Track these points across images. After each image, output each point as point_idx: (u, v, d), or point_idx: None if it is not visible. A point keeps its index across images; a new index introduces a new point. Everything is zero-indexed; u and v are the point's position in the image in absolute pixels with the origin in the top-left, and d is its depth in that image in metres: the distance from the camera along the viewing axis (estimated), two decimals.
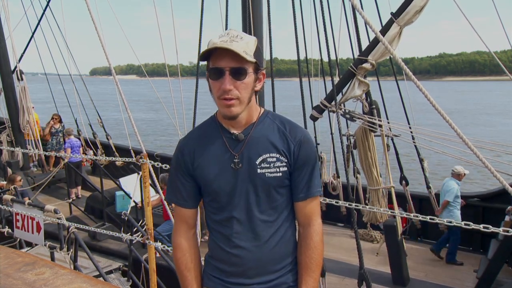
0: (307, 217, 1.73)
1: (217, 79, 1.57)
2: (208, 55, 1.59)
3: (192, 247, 1.80)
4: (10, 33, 9.48)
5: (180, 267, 1.79)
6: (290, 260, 1.75)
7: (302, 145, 1.68)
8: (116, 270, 5.47)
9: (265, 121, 1.72)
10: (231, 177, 1.66)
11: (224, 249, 1.71)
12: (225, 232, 1.70)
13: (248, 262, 1.68)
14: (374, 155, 5.50)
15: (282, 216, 1.72)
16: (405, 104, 6.66)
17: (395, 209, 5.49)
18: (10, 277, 2.30)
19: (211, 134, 1.73)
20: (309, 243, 1.71)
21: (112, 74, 3.82)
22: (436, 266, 6.04)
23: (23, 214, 4.19)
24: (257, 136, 1.68)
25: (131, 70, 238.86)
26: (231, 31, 1.60)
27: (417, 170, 8.43)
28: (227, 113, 1.61)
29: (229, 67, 1.55)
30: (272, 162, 1.65)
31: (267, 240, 1.68)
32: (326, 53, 5.08)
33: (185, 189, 1.75)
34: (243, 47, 1.55)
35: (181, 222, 1.80)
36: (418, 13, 4.43)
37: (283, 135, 1.68)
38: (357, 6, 2.79)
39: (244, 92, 1.59)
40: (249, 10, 5.24)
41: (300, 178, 1.69)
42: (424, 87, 2.82)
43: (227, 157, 1.67)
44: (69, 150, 9.20)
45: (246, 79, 1.58)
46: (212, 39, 1.58)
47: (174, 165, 1.78)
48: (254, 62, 1.59)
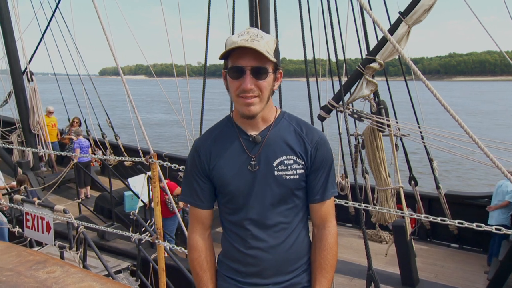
0: (322, 218, 1.73)
1: (237, 78, 1.56)
2: (228, 53, 1.57)
3: (207, 248, 1.79)
4: (20, 34, 9.58)
5: (196, 267, 1.79)
6: (305, 261, 1.76)
7: (319, 148, 1.68)
8: (124, 270, 5.50)
9: (282, 122, 1.71)
10: (248, 179, 1.65)
11: (239, 249, 1.71)
12: (241, 233, 1.70)
13: (264, 263, 1.68)
14: (382, 155, 5.47)
15: (297, 217, 1.72)
16: (414, 104, 6.62)
17: (404, 210, 5.45)
18: (22, 275, 2.32)
19: (228, 135, 1.72)
20: (324, 244, 1.71)
21: (120, 75, 3.84)
22: (446, 267, 5.98)
23: (33, 214, 4.23)
24: (274, 138, 1.67)
25: (140, 70, 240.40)
26: (251, 29, 1.58)
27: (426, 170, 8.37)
28: (245, 112, 1.59)
29: (251, 66, 1.54)
30: (289, 164, 1.65)
31: (282, 241, 1.69)
32: (333, 53, 5.06)
33: (201, 190, 1.74)
34: (264, 46, 1.53)
35: (197, 223, 1.79)
36: (427, 12, 4.40)
37: (300, 137, 1.68)
38: (365, 5, 2.78)
39: (264, 92, 1.59)
40: (256, 10, 5.24)
41: (316, 181, 1.69)
42: (433, 87, 2.81)
43: (244, 158, 1.66)
44: (78, 151, 9.27)
45: (266, 79, 1.57)
46: (231, 38, 1.56)
47: (190, 166, 1.77)
48: (274, 62, 1.58)
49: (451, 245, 6.73)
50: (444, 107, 2.80)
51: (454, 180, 15.12)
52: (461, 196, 6.96)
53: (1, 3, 9.26)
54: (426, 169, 7.73)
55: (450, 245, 6.74)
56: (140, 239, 4.52)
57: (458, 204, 6.69)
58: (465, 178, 15.68)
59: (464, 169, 16.60)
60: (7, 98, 10.34)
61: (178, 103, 8.26)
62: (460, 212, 6.33)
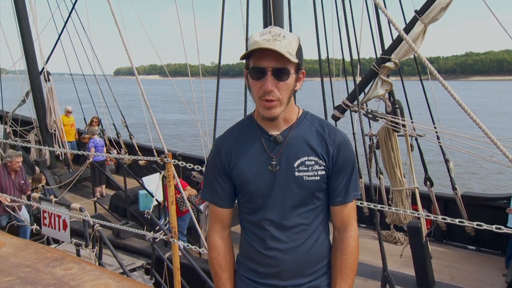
0: (343, 221, 1.71)
1: (259, 79, 1.54)
2: (249, 53, 1.55)
3: (227, 247, 1.79)
4: (37, 35, 9.75)
5: (215, 267, 1.79)
6: (324, 264, 1.74)
7: (341, 149, 1.65)
8: (139, 268, 5.56)
9: (304, 123, 1.69)
10: (268, 179, 1.64)
11: (258, 250, 1.70)
12: (260, 233, 1.69)
13: (283, 264, 1.67)
14: (397, 155, 5.41)
15: (318, 219, 1.70)
16: (429, 103, 6.53)
17: (420, 211, 5.39)
18: (40, 272, 2.36)
19: (249, 135, 1.71)
20: (345, 247, 1.69)
21: (135, 75, 3.88)
22: (463, 269, 5.89)
23: (50, 212, 4.30)
24: (296, 138, 1.65)
25: (154, 70, 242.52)
26: (273, 29, 1.56)
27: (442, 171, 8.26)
28: (266, 114, 1.58)
29: (272, 67, 1.52)
30: (311, 165, 1.63)
31: (302, 243, 1.67)
32: (348, 52, 5.03)
33: (221, 189, 1.74)
34: (286, 46, 1.51)
35: (217, 222, 1.79)
36: (444, 10, 4.33)
37: (322, 138, 1.66)
38: (380, 4, 2.75)
39: (285, 93, 1.56)
40: (270, 9, 5.23)
41: (338, 182, 1.67)
42: (449, 86, 2.77)
43: (265, 158, 1.65)
44: (93, 150, 9.40)
45: (288, 80, 1.55)
46: (253, 37, 1.55)
47: (211, 164, 1.76)
48: (296, 62, 1.55)
49: (468, 247, 6.63)
50: (461, 107, 2.76)
51: (470, 181, 14.89)
52: (478, 197, 6.84)
53: (19, 4, 9.45)
54: (442, 170, 7.62)
55: (467, 247, 6.63)
56: (155, 238, 4.56)
57: (475, 206, 6.58)
58: (482, 180, 15.42)
59: (482, 170, 16.33)
60: (25, 98, 10.54)
61: (192, 103, 8.30)
62: (477, 214, 6.22)
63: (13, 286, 2.22)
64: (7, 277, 2.32)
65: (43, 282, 2.25)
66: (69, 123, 10.95)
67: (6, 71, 12.33)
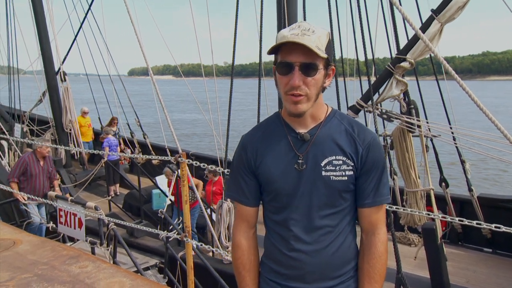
0: (372, 224, 1.66)
1: (286, 74, 1.51)
2: (277, 48, 1.53)
3: (251, 247, 1.76)
4: (54, 36, 9.91)
5: (239, 267, 1.76)
6: (351, 267, 1.69)
7: (370, 149, 1.60)
8: (152, 267, 5.60)
9: (333, 121, 1.64)
10: (294, 178, 1.60)
11: (281, 251, 1.66)
12: (284, 233, 1.65)
13: (307, 267, 1.62)
14: (412, 156, 5.35)
15: (344, 221, 1.65)
16: (445, 104, 6.45)
17: (435, 212, 5.32)
18: (56, 269, 2.40)
19: (276, 132, 1.67)
20: (373, 252, 1.64)
21: (150, 75, 3.91)
22: (479, 272, 5.80)
23: (66, 210, 4.36)
24: (324, 136, 1.61)
25: (167, 71, 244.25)
26: (302, 23, 1.53)
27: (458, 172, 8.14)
28: (293, 110, 1.54)
29: (299, 62, 1.48)
30: (338, 165, 1.58)
31: (327, 245, 1.62)
32: (362, 52, 4.99)
33: (247, 187, 1.70)
34: (315, 41, 1.47)
35: (242, 221, 1.76)
36: (461, 9, 4.26)
37: (351, 138, 1.61)
38: (395, 2, 2.73)
39: (313, 89, 1.53)
40: (284, 9, 5.23)
41: (366, 184, 1.61)
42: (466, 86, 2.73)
43: (291, 157, 1.61)
44: (107, 149, 9.50)
45: (316, 75, 1.51)
46: (282, 32, 1.52)
47: (236, 162, 1.73)
48: (326, 58, 1.51)
49: (484, 249, 6.52)
50: (479, 107, 2.72)
51: (487, 182, 14.65)
52: (495, 199, 6.72)
53: (36, 6, 9.61)
54: (458, 171, 7.52)
55: (483, 249, 6.53)
56: (168, 237, 4.58)
57: (492, 207, 6.47)
58: (500, 181, 15.17)
59: (498, 172, 16.06)
60: (41, 97, 10.72)
61: (206, 103, 8.34)
62: (494, 216, 6.12)
63: (30, 283, 2.26)
64: (24, 274, 2.36)
65: (59, 280, 2.29)
66: (86, 124, 11.09)
67: (23, 71, 12.55)
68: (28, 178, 6.52)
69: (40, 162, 6.68)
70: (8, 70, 11.26)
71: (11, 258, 2.57)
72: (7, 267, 2.45)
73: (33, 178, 6.55)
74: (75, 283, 2.25)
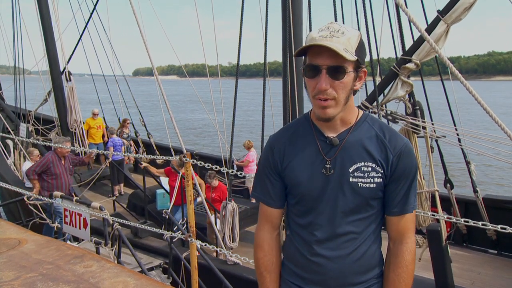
0: (400, 233, 1.62)
1: (313, 77, 1.47)
2: (305, 49, 1.49)
3: (274, 248, 1.74)
4: (59, 36, 9.95)
5: (260, 267, 1.74)
6: (374, 275, 1.66)
7: (402, 156, 1.55)
8: (157, 267, 5.61)
9: (363, 126, 1.60)
10: (321, 183, 1.56)
11: (304, 255, 1.64)
12: (307, 237, 1.63)
13: (329, 272, 1.60)
14: (417, 157, 5.34)
15: (369, 228, 1.61)
16: (450, 104, 6.42)
17: (440, 213, 5.29)
18: (61, 269, 2.41)
19: (304, 135, 1.63)
20: (400, 261, 1.60)
21: (155, 76, 3.92)
22: (483, 274, 5.77)
23: (71, 210, 4.38)
24: (353, 142, 1.57)
25: (172, 71, 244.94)
26: (332, 24, 1.48)
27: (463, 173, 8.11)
28: (321, 114, 1.50)
29: (327, 65, 1.44)
30: (367, 171, 1.54)
31: (351, 252, 1.59)
32: (367, 52, 4.97)
33: (273, 188, 1.68)
34: (344, 43, 1.43)
35: (266, 222, 1.74)
36: (467, 10, 4.24)
37: (381, 144, 1.56)
38: (401, 3, 2.72)
39: (342, 93, 1.48)
40: (289, 10, 5.22)
41: (396, 192, 1.57)
42: (471, 86, 2.72)
43: (319, 161, 1.57)
44: (112, 149, 9.53)
45: (344, 79, 1.46)
46: (311, 33, 1.49)
47: (263, 162, 1.71)
48: (355, 60, 1.46)
49: (489, 251, 6.49)
50: (483, 107, 2.71)
51: (492, 184, 14.58)
52: (500, 200, 6.69)
53: (42, 6, 9.65)
54: (463, 172, 7.49)
55: (488, 250, 6.49)
56: (172, 237, 4.59)
57: (497, 209, 6.44)
58: (505, 182, 15.08)
59: (504, 173, 15.97)
60: (46, 97, 10.76)
61: (211, 103, 8.35)
62: (499, 217, 6.08)
63: (35, 282, 2.27)
64: (29, 273, 2.37)
65: (64, 279, 2.29)
66: (95, 125, 11.11)
67: (29, 71, 12.61)
68: (53, 178, 6.74)
69: (61, 161, 6.87)
70: (13, 70, 11.32)
71: (16, 258, 2.58)
72: (13, 266, 2.46)
73: (58, 177, 6.76)
74: (79, 283, 2.26)
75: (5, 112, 11.17)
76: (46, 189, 6.67)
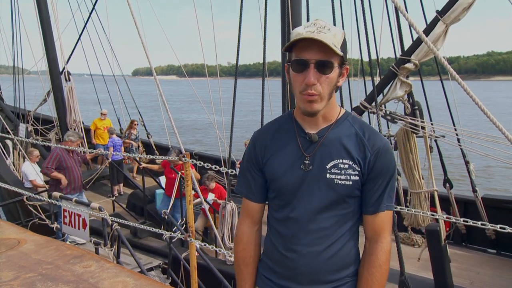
0: (375, 232, 1.62)
1: (301, 72, 1.49)
2: (292, 45, 1.51)
3: (253, 243, 1.76)
4: (58, 36, 9.94)
5: (238, 260, 1.78)
6: (349, 273, 1.66)
7: (379, 156, 1.56)
8: (156, 268, 5.60)
9: (344, 123, 1.62)
10: (299, 178, 1.59)
11: (279, 249, 1.66)
12: (283, 232, 1.65)
13: (301, 268, 1.61)
14: (416, 157, 5.34)
15: (345, 226, 1.62)
16: (449, 104, 6.43)
17: (439, 213, 5.30)
18: (60, 269, 2.41)
19: (286, 131, 1.66)
20: (374, 260, 1.61)
21: (154, 76, 3.92)
22: (482, 273, 5.77)
23: (70, 211, 4.38)
24: (332, 139, 1.59)
25: (171, 71, 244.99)
26: (318, 21, 1.50)
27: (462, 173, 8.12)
28: (307, 108, 1.52)
29: (315, 60, 1.46)
30: (344, 168, 1.55)
31: (324, 248, 1.60)
32: (366, 52, 4.98)
33: (254, 183, 1.71)
34: (331, 38, 1.45)
35: (247, 216, 1.77)
36: (466, 10, 4.24)
37: (360, 142, 1.58)
38: (400, 7, 2.72)
39: (327, 88, 1.50)
40: (288, 10, 5.23)
41: (373, 191, 1.58)
42: (470, 86, 2.72)
43: (298, 157, 1.60)
44: (112, 149, 9.53)
45: (331, 74, 1.49)
46: (296, 29, 1.51)
47: (246, 157, 1.75)
48: (341, 56, 1.49)
49: (488, 250, 6.50)
50: (480, 108, 2.71)
51: (491, 184, 14.60)
52: (499, 200, 6.70)
53: (41, 6, 9.64)
54: (463, 172, 7.49)
55: (487, 250, 6.50)
56: (172, 237, 4.59)
57: (496, 208, 6.45)
58: (503, 182, 15.10)
59: (503, 172, 15.99)
60: (46, 97, 10.76)
61: (216, 103, 8.35)
62: (498, 217, 6.09)
63: (34, 282, 2.27)
64: (28, 273, 2.38)
65: (63, 279, 2.30)
66: (102, 126, 11.11)
67: (28, 71, 12.61)
68: (65, 172, 6.77)
69: (70, 154, 6.91)
70: (13, 70, 11.31)
71: (15, 258, 2.59)
72: (12, 266, 2.46)
73: (69, 170, 6.80)
74: (79, 283, 2.26)
75: (4, 112, 11.17)
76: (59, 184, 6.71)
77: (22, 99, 11.30)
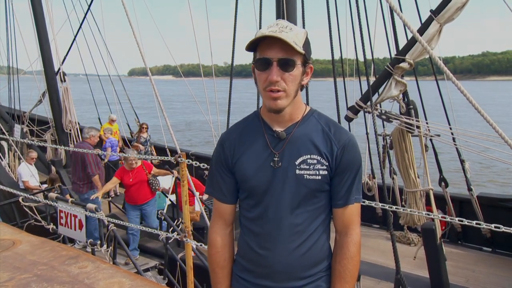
0: (345, 225, 1.66)
1: (264, 70, 1.52)
2: (256, 45, 1.55)
3: (226, 245, 1.77)
4: (54, 36, 9.89)
5: (213, 264, 1.78)
6: (322, 268, 1.68)
7: (346, 149, 1.60)
8: (152, 268, 5.61)
9: (310, 120, 1.65)
10: (269, 175, 1.60)
11: (253, 248, 1.67)
12: (256, 230, 1.66)
13: (275, 265, 1.62)
14: (411, 156, 5.36)
15: (317, 221, 1.64)
16: (445, 104, 6.45)
17: (434, 212, 5.32)
18: (56, 269, 2.40)
19: (253, 130, 1.68)
20: (345, 252, 1.64)
21: (149, 77, 3.91)
22: (478, 271, 5.80)
23: (66, 212, 4.37)
24: (300, 135, 1.61)
25: (167, 71, 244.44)
26: (280, 21, 1.55)
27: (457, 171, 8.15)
28: (272, 105, 1.55)
29: (277, 58, 1.50)
30: (312, 164, 1.58)
31: (298, 245, 1.61)
32: (361, 52, 4.99)
33: (224, 183, 1.71)
34: (292, 37, 1.49)
35: (219, 218, 1.77)
36: (460, 10, 4.26)
37: (327, 137, 1.61)
38: (395, 7, 2.74)
39: (291, 85, 1.53)
40: (283, 10, 5.22)
41: (341, 185, 1.62)
42: (465, 86, 2.74)
43: (267, 154, 1.61)
44: (109, 149, 9.51)
45: (294, 71, 1.52)
46: (260, 30, 1.54)
47: (215, 159, 1.75)
48: (303, 54, 1.53)
49: (483, 248, 6.53)
50: (474, 107, 2.73)
51: (487, 183, 14.67)
52: (494, 198, 6.74)
53: (36, 6, 9.60)
54: (458, 171, 7.53)
55: (482, 248, 6.54)
56: (168, 238, 4.59)
57: (491, 207, 6.48)
58: (498, 181, 15.18)
59: (498, 171, 16.08)
60: (41, 98, 10.70)
61: (212, 103, 8.33)
62: (493, 215, 6.13)
63: (29, 283, 2.27)
64: (23, 274, 2.37)
65: (58, 280, 2.29)
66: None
67: (23, 71, 12.55)
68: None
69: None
70: (7, 70, 11.26)
71: (10, 259, 2.58)
72: (7, 267, 2.45)
73: (98, 166, 6.93)
74: (74, 283, 2.26)
75: (0, 113, 11.11)
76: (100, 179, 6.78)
77: (17, 100, 11.25)
